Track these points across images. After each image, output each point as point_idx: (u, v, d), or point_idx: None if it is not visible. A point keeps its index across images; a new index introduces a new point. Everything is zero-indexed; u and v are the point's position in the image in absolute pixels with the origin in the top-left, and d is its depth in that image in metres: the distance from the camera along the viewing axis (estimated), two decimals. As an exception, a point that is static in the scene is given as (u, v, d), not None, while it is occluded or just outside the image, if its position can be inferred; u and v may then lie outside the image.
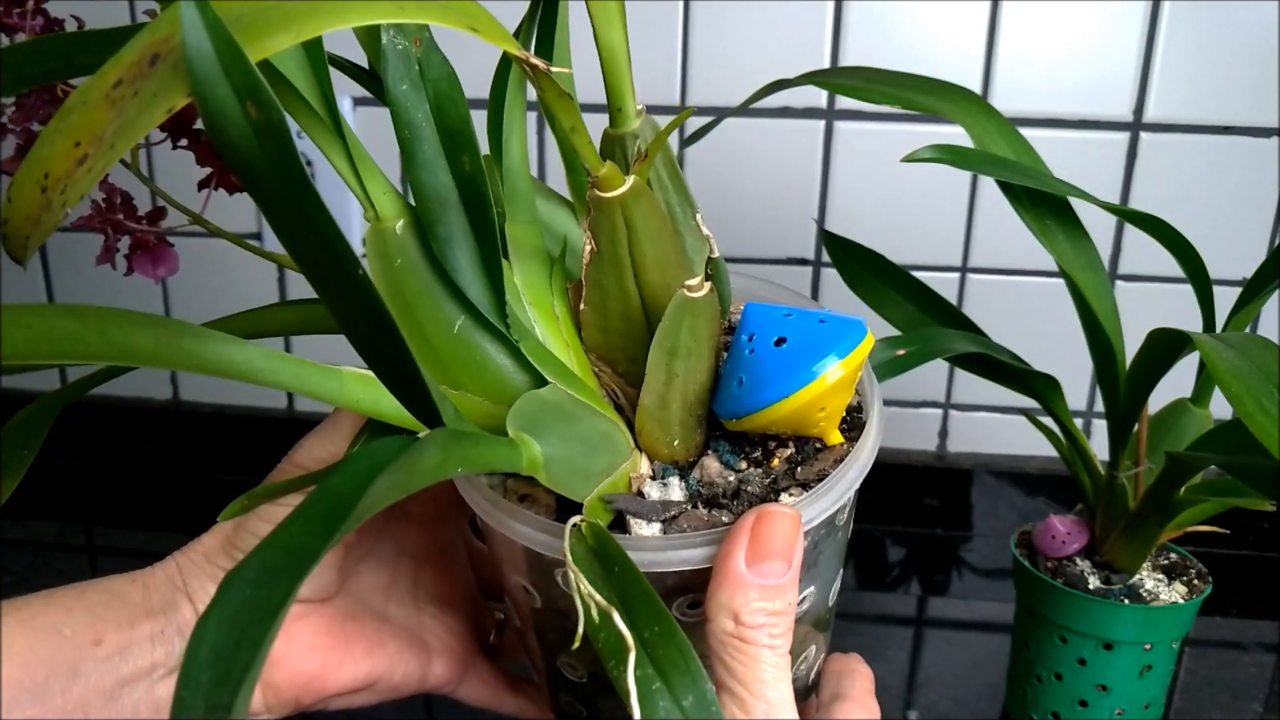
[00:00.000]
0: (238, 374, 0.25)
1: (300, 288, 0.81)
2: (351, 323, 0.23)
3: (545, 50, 0.34)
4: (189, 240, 0.80)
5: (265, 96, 0.19)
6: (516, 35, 0.33)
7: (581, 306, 0.33)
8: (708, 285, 0.31)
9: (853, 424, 0.36)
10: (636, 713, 0.25)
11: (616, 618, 0.26)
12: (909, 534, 0.78)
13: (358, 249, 0.78)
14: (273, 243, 0.78)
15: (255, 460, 0.83)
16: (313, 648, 0.37)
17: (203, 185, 0.39)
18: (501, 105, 0.33)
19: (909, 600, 0.71)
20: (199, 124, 0.38)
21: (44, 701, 0.32)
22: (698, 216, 0.35)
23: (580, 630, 0.27)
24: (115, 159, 0.20)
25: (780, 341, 0.32)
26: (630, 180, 0.29)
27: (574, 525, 0.30)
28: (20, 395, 0.86)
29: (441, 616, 0.42)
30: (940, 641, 0.66)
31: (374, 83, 0.33)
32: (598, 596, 0.27)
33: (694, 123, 0.73)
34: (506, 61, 0.32)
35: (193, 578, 0.36)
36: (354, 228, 0.78)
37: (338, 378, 0.28)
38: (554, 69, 0.26)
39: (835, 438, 0.34)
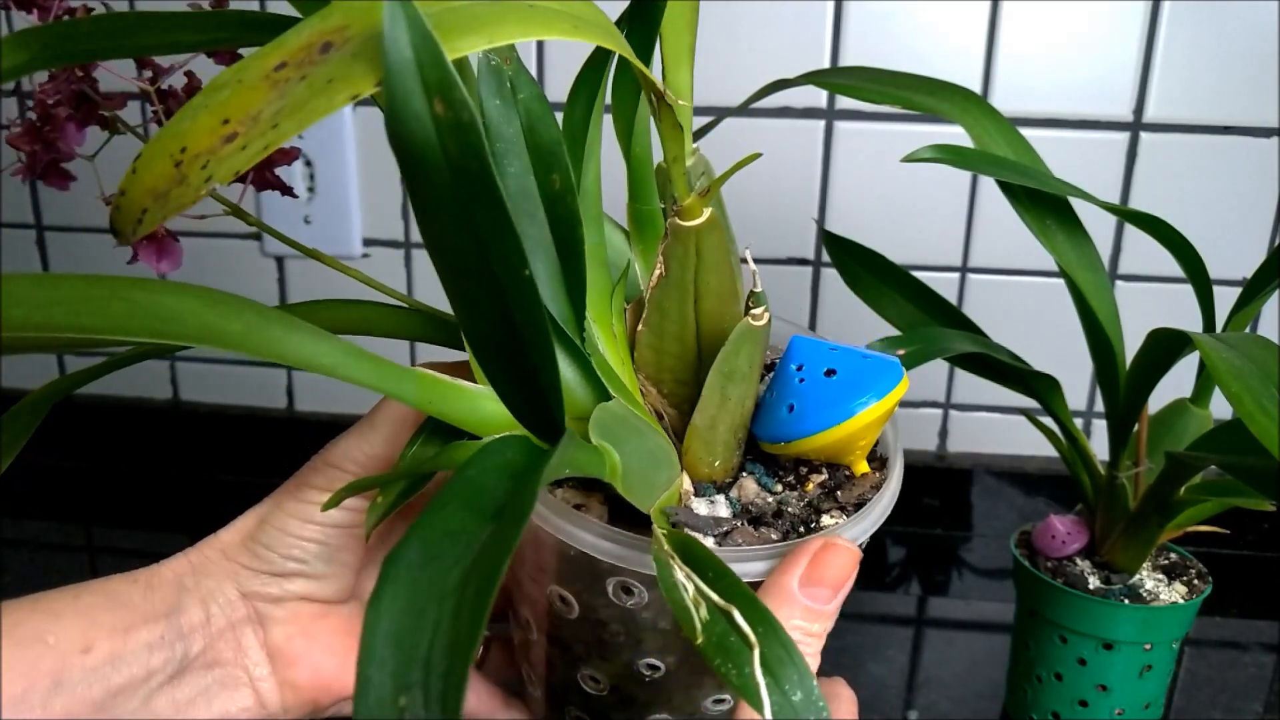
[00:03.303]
0: (319, 368, 0.25)
1: (301, 291, 0.81)
2: (489, 331, 0.24)
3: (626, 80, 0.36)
4: (189, 240, 0.80)
5: (457, 96, 0.19)
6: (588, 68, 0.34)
7: (639, 327, 0.34)
8: (768, 315, 0.32)
9: (870, 455, 0.37)
10: (767, 709, 0.25)
11: (738, 615, 0.27)
12: (909, 534, 0.78)
13: (358, 249, 0.78)
14: (272, 245, 0.78)
15: (255, 460, 0.84)
16: (332, 648, 0.37)
17: (239, 178, 0.39)
18: (581, 132, 0.34)
19: (909, 600, 0.71)
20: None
21: (20, 717, 0.30)
22: (746, 250, 0.36)
23: (699, 627, 0.27)
24: (281, 139, 0.20)
25: (830, 373, 0.34)
26: (708, 212, 0.31)
27: (659, 536, 0.30)
28: (19, 395, 0.86)
29: None
30: (940, 641, 0.66)
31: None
32: (714, 595, 0.27)
33: (694, 122, 0.73)
34: (589, 91, 0.33)
35: (208, 576, 0.35)
36: (355, 228, 0.78)
37: (413, 379, 0.29)
38: (680, 102, 0.27)
39: (864, 467, 0.36)
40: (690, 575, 0.28)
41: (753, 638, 0.26)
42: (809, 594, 0.30)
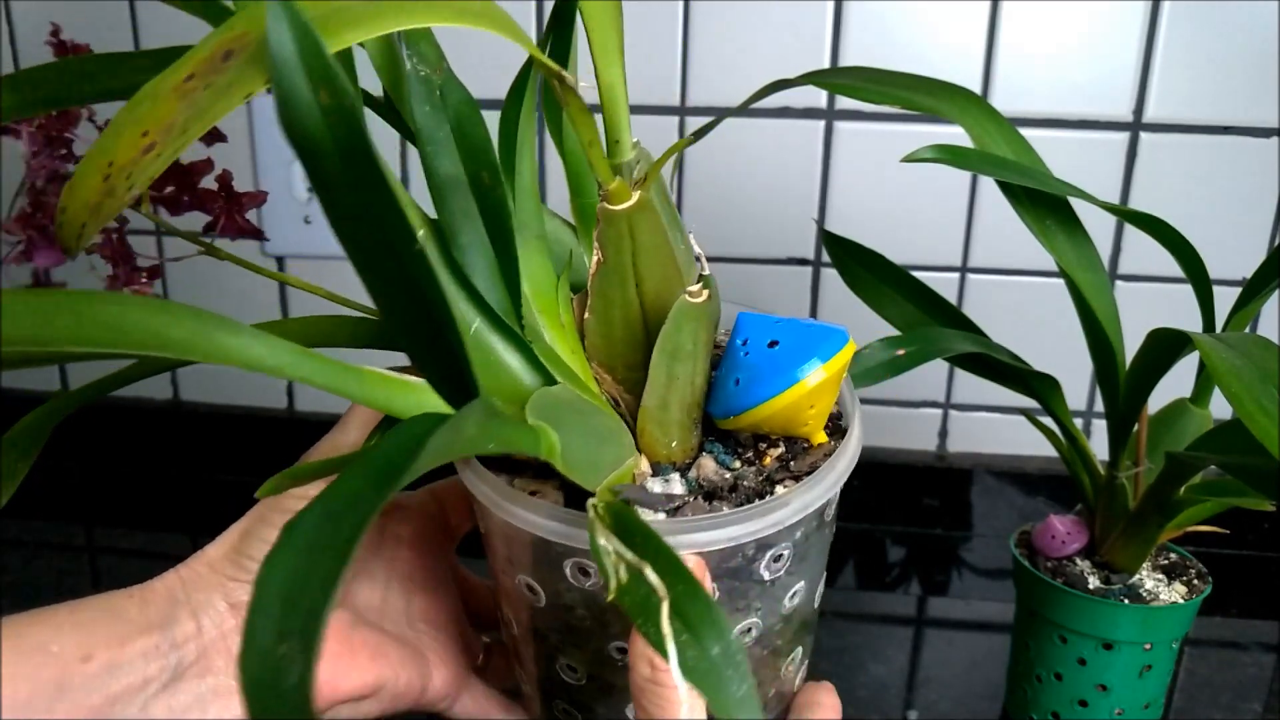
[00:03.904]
0: (266, 368, 0.26)
1: (302, 306, 0.81)
2: (397, 307, 0.25)
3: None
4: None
5: (339, 84, 0.20)
6: (527, 66, 0.35)
7: (586, 315, 0.35)
8: (706, 292, 0.33)
9: (834, 430, 0.38)
10: (673, 658, 0.25)
11: (648, 571, 0.27)
12: (909, 534, 0.78)
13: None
14: (272, 245, 0.78)
15: (255, 460, 0.84)
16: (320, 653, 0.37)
17: (207, 229, 0.41)
18: (513, 130, 0.35)
19: (909, 600, 0.71)
20: (203, 182, 0.41)
21: None
22: (690, 237, 0.37)
23: (614, 584, 0.27)
24: (186, 144, 0.21)
25: (773, 344, 0.34)
26: (636, 195, 0.32)
27: (592, 505, 0.31)
28: (21, 396, 0.86)
29: (433, 636, 0.42)
30: (940, 641, 0.66)
31: (389, 111, 0.35)
32: (628, 553, 0.28)
33: (694, 122, 0.73)
34: (519, 90, 0.34)
35: (197, 590, 0.36)
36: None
37: (358, 375, 0.29)
38: (581, 84, 0.28)
39: (821, 437, 0.36)
40: (610, 536, 0.28)
41: (662, 590, 0.26)
42: None
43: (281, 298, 0.81)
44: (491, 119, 0.34)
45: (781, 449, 0.36)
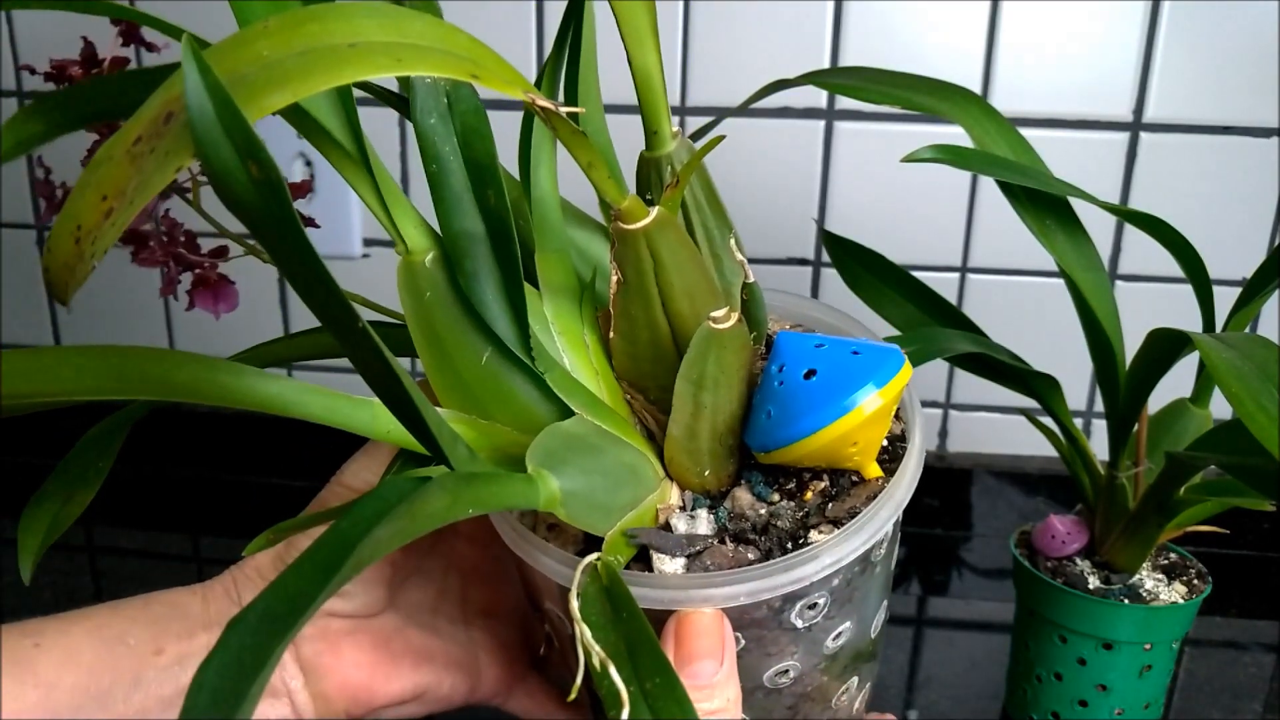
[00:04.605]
0: (271, 407, 0.26)
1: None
2: (363, 365, 0.24)
3: (571, 81, 0.34)
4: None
5: (264, 156, 0.19)
6: (543, 72, 0.33)
7: (611, 335, 0.33)
8: (735, 317, 0.30)
9: (894, 455, 0.34)
10: None
11: (613, 670, 0.26)
12: (909, 534, 0.78)
13: (358, 249, 0.78)
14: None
15: (255, 460, 0.84)
16: (359, 663, 0.38)
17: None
18: (530, 135, 0.33)
19: (909, 600, 0.71)
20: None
21: (107, 708, 0.33)
22: (731, 241, 0.34)
23: (578, 682, 0.27)
24: (134, 214, 0.21)
25: (810, 374, 0.31)
26: (654, 212, 0.29)
27: (589, 564, 0.30)
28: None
29: (491, 630, 0.42)
30: (940, 641, 0.66)
31: (407, 107, 0.33)
32: (596, 648, 0.27)
33: (694, 122, 0.73)
34: (536, 88, 0.32)
35: (246, 592, 0.37)
36: (355, 228, 0.78)
37: (369, 409, 0.29)
38: (564, 108, 0.25)
39: (872, 471, 0.33)
40: (581, 625, 0.28)
41: (624, 695, 0.26)
42: (689, 674, 0.29)
43: (281, 288, 0.81)
44: (509, 117, 0.32)
45: (825, 482, 0.33)
